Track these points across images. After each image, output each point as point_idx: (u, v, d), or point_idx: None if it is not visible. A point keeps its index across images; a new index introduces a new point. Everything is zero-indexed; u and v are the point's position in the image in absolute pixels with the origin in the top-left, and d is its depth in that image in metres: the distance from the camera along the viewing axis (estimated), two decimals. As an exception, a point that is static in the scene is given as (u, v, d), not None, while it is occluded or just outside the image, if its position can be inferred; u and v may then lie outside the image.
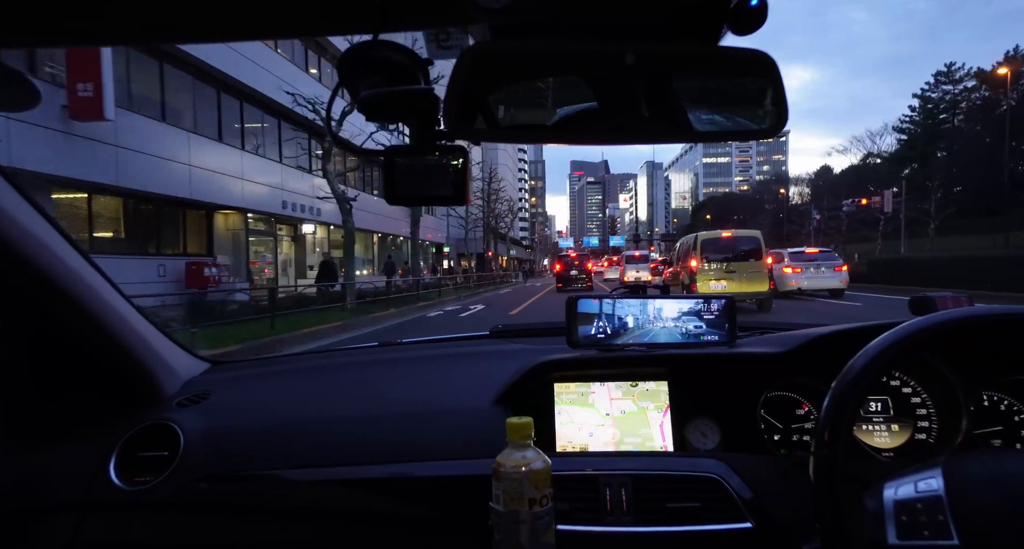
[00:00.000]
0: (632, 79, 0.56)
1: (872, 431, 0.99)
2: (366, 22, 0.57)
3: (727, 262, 10.50)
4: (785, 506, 0.83)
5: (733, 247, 10.69)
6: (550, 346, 1.20)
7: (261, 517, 0.92)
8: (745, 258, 10.48)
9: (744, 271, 10.30)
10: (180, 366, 1.14)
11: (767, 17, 0.50)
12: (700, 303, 1.07)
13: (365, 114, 0.61)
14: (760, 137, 0.64)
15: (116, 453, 0.94)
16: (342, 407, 1.05)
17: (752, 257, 10.49)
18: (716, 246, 10.82)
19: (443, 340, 1.45)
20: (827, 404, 0.65)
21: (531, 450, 0.73)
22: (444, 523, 0.88)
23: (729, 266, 10.45)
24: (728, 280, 10.32)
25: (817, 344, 1.00)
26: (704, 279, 10.51)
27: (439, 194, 0.67)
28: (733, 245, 10.74)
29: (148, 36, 0.64)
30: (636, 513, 0.83)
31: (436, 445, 0.94)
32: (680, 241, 13.59)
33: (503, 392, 1.01)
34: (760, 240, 10.76)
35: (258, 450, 0.96)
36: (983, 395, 0.96)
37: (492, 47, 0.55)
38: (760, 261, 10.48)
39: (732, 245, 10.74)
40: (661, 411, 1.01)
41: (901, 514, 0.58)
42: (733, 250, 10.64)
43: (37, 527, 0.90)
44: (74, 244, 0.90)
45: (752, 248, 10.61)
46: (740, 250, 10.60)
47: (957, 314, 0.68)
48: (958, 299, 0.85)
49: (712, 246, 10.84)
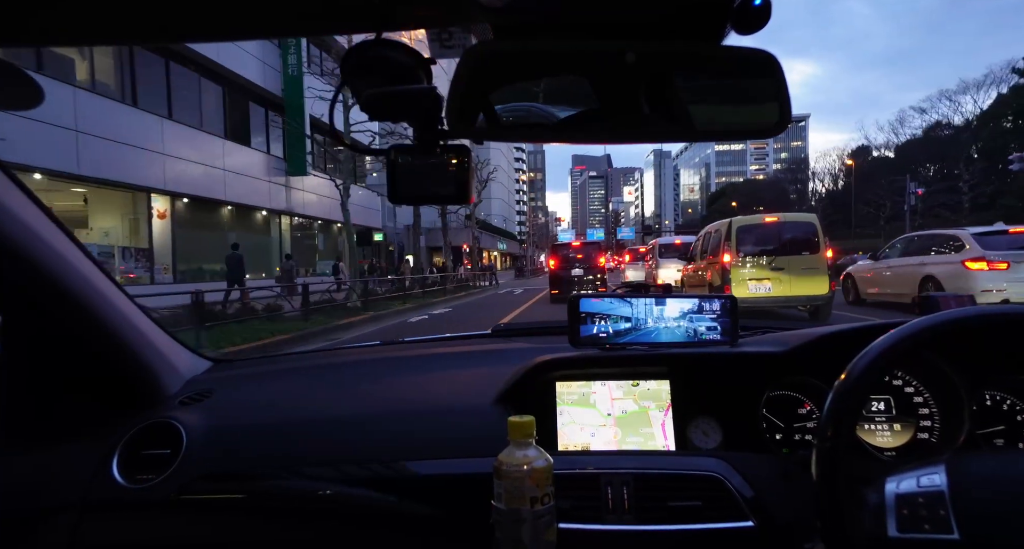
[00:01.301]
0: (634, 78, 0.59)
1: (874, 431, 1.03)
2: (368, 21, 0.60)
3: (772, 256, 8.28)
4: (786, 505, 0.87)
5: (779, 236, 8.45)
6: (552, 345, 1.25)
7: (262, 515, 0.96)
8: (796, 250, 8.28)
9: (795, 268, 8.16)
10: (182, 364, 1.19)
11: (771, 16, 0.52)
12: (702, 302, 1.11)
13: (368, 113, 0.64)
14: (762, 136, 0.67)
15: (119, 451, 0.98)
16: (344, 406, 1.09)
17: (806, 249, 8.28)
18: (757, 235, 8.55)
19: (445, 339, 1.50)
20: (830, 401, 0.68)
21: (533, 449, 0.77)
22: (446, 522, 0.92)
23: (775, 261, 8.23)
24: (774, 280, 8.21)
25: (819, 344, 1.04)
26: (740, 279, 8.32)
27: (441, 193, 0.71)
28: (779, 233, 8.47)
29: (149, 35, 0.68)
30: (637, 511, 0.87)
31: (438, 443, 0.99)
32: (703, 232, 10.62)
33: (505, 391, 1.05)
34: (816, 226, 8.48)
35: (260, 448, 1.01)
36: (985, 395, 1.00)
37: (494, 46, 0.58)
38: (817, 254, 8.21)
39: (778, 233, 8.47)
40: (663, 411, 1.05)
41: (902, 507, 0.62)
42: (779, 240, 8.41)
43: (37, 527, 0.94)
44: (77, 242, 0.94)
45: (806, 237, 8.36)
46: (789, 240, 8.40)
47: (959, 314, 0.71)
48: (961, 298, 0.89)
49: (751, 235, 8.55)
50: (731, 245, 8.56)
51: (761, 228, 8.65)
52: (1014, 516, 0.58)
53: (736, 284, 8.33)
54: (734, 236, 8.59)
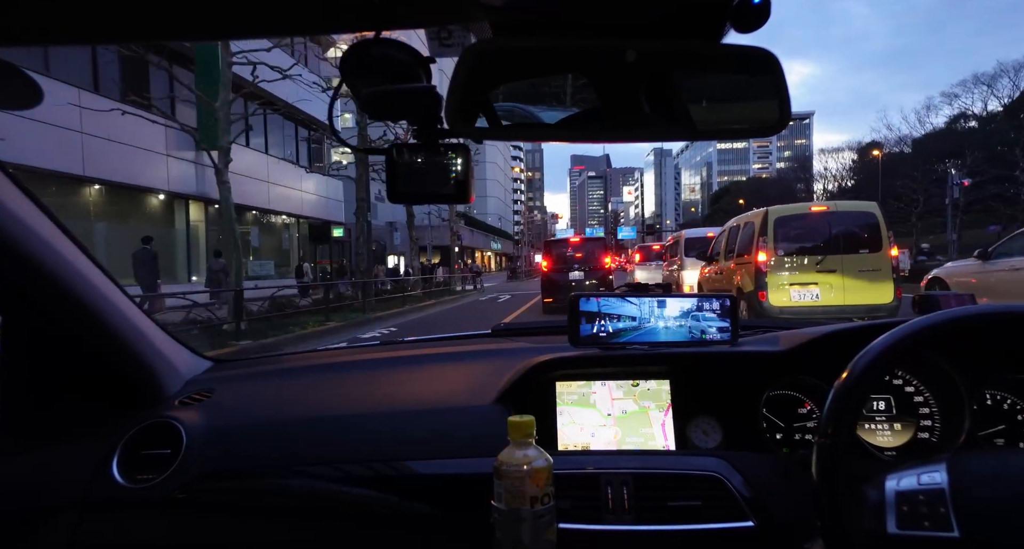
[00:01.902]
0: (634, 77, 0.60)
1: (875, 430, 1.04)
2: (368, 20, 0.62)
3: (820, 254, 6.69)
4: (786, 505, 0.88)
5: (829, 229, 6.82)
6: (552, 345, 1.27)
7: (263, 515, 0.98)
8: (852, 247, 6.70)
9: (851, 269, 6.60)
10: (182, 365, 1.20)
11: (770, 14, 0.53)
12: (702, 301, 1.13)
13: (367, 112, 0.66)
14: (762, 135, 0.69)
15: (119, 451, 1.00)
16: (344, 405, 1.11)
17: (864, 246, 6.68)
18: (800, 228, 6.93)
19: (445, 339, 1.53)
20: (830, 400, 0.69)
21: (532, 448, 0.78)
22: (446, 521, 0.94)
23: (824, 261, 6.66)
24: (823, 284, 6.65)
25: (819, 343, 1.06)
26: (780, 284, 6.70)
27: (441, 192, 0.73)
28: (829, 226, 6.84)
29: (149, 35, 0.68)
30: (637, 511, 0.88)
31: (438, 443, 1.00)
32: (728, 226, 8.75)
33: (504, 391, 1.07)
34: (878, 217, 6.84)
35: (260, 448, 1.02)
36: (986, 394, 1.01)
37: (494, 45, 0.59)
38: (879, 252, 6.62)
39: (827, 226, 6.84)
40: (663, 411, 1.07)
41: (902, 504, 0.63)
42: (829, 234, 6.80)
43: (37, 527, 0.96)
44: (77, 242, 0.95)
45: (864, 231, 6.74)
46: (842, 234, 6.77)
47: (959, 313, 0.73)
48: (961, 297, 0.91)
49: (793, 229, 6.92)
50: (767, 241, 6.83)
51: (805, 220, 6.95)
52: (1014, 514, 0.59)
53: (774, 290, 6.71)
54: (771, 230, 6.83)
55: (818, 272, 6.70)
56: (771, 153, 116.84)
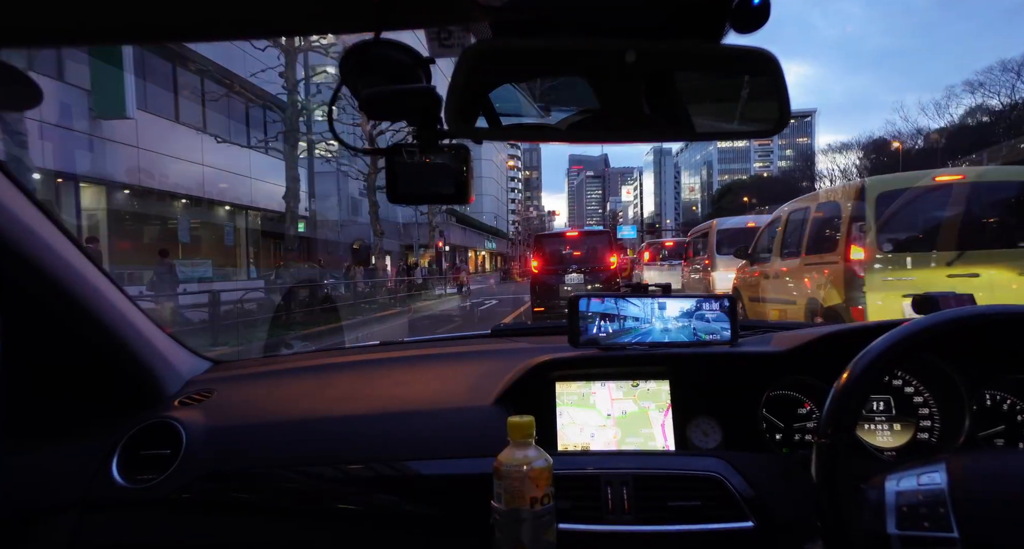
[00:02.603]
0: (633, 77, 0.62)
1: (874, 431, 1.07)
2: (367, 21, 0.63)
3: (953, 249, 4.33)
4: (786, 505, 0.90)
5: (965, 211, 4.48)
6: (552, 345, 1.28)
7: (262, 515, 0.99)
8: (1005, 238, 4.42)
9: (1005, 271, 4.28)
10: (182, 365, 1.22)
11: (769, 15, 0.55)
12: (702, 302, 1.15)
13: (367, 113, 0.67)
14: (761, 135, 0.71)
15: (118, 451, 1.01)
16: (343, 406, 1.13)
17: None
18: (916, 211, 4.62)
19: (444, 339, 1.55)
20: (830, 401, 0.71)
21: (532, 449, 0.80)
22: (445, 521, 0.95)
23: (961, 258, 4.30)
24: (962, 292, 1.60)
25: (819, 343, 1.08)
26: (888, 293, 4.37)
27: (441, 192, 0.75)
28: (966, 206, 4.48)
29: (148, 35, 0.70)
30: (637, 512, 0.90)
31: (437, 444, 1.02)
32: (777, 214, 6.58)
33: (504, 391, 1.09)
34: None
35: (259, 448, 1.04)
36: (985, 394, 1.03)
37: (493, 45, 0.60)
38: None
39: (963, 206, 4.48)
40: (662, 411, 1.08)
41: (902, 505, 0.64)
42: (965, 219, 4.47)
43: (37, 527, 0.97)
44: (76, 242, 0.97)
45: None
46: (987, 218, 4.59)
47: (959, 313, 0.75)
48: (961, 298, 0.93)
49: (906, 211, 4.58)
50: (865, 230, 4.53)
51: (928, 196, 4.57)
52: (1014, 515, 0.60)
53: (877, 303, 4.40)
54: (871, 212, 4.51)
55: (951, 277, 4.31)
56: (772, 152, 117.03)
